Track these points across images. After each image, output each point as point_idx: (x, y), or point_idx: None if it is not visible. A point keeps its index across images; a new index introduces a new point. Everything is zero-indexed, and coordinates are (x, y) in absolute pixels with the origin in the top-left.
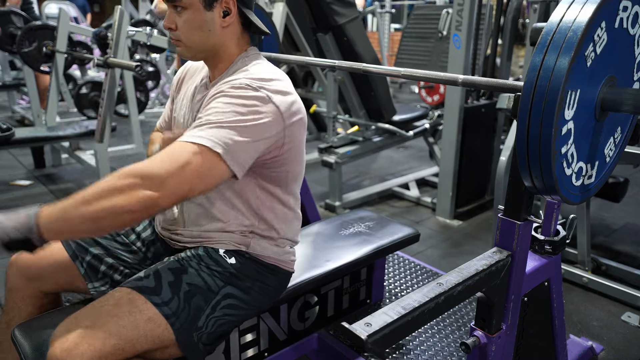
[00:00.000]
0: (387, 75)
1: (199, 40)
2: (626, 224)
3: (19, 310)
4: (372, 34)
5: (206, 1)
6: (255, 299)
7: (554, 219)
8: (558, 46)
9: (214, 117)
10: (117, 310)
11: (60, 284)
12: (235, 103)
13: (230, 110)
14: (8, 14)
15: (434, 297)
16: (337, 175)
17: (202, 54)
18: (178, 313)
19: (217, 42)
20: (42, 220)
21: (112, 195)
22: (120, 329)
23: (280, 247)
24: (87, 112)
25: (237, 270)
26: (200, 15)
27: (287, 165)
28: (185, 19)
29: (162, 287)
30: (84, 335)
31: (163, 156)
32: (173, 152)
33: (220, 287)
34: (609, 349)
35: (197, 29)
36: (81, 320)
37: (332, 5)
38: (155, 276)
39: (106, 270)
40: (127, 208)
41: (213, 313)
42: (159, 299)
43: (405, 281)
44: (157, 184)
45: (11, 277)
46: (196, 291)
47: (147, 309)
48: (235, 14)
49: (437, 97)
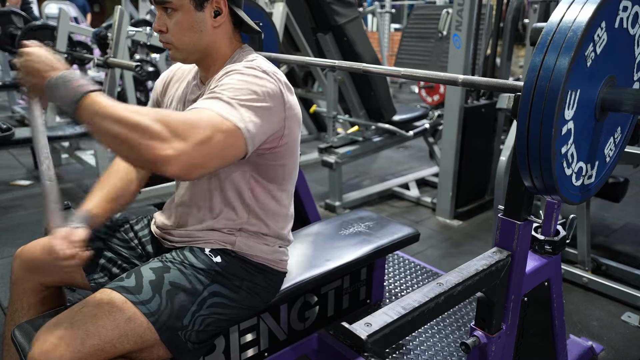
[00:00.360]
0: (387, 75)
1: (191, 42)
2: (626, 224)
3: (22, 303)
4: (372, 34)
5: (197, 1)
6: (244, 298)
7: (554, 219)
8: (558, 46)
9: (232, 93)
10: (96, 310)
11: (60, 276)
12: (250, 81)
13: (246, 87)
14: (8, 14)
15: (434, 297)
16: (337, 175)
17: (194, 55)
18: (160, 311)
19: (209, 42)
20: (84, 103)
21: (143, 133)
22: (99, 329)
23: (269, 246)
24: None
25: (223, 269)
26: (191, 16)
27: (284, 159)
28: (175, 21)
29: (142, 286)
30: (62, 337)
31: (194, 117)
32: (202, 116)
33: (206, 285)
34: (609, 349)
35: (189, 30)
36: (61, 322)
37: (332, 5)
38: (137, 276)
39: (105, 263)
40: (145, 154)
41: (199, 311)
42: (139, 298)
43: (405, 281)
44: (177, 147)
45: (15, 270)
46: (179, 289)
47: (127, 308)
48: (227, 14)
49: (437, 97)
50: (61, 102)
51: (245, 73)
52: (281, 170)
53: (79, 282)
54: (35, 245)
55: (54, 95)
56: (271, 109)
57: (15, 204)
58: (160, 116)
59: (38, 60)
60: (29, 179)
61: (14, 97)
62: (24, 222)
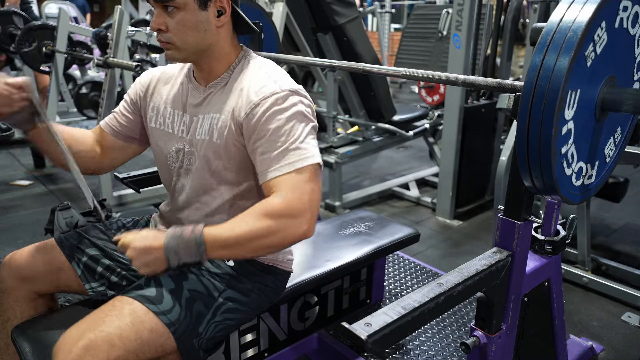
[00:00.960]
0: (387, 75)
1: (194, 42)
2: (626, 224)
3: (14, 312)
4: (372, 34)
5: (201, 0)
6: (254, 301)
7: (554, 219)
8: (558, 46)
9: (291, 138)
10: (119, 322)
11: (55, 284)
12: (295, 114)
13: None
14: (8, 14)
15: (434, 297)
16: (337, 175)
17: (195, 55)
18: (180, 321)
19: (212, 42)
20: (208, 247)
21: (267, 237)
22: (123, 340)
23: None
24: (87, 112)
25: (237, 272)
26: (195, 15)
27: None
28: (178, 20)
29: (163, 296)
30: (87, 348)
31: (294, 193)
32: (293, 185)
33: (221, 290)
34: (609, 349)
35: (192, 29)
36: (84, 332)
37: (332, 5)
38: (156, 284)
39: (103, 271)
40: (282, 245)
41: (214, 318)
42: (161, 308)
43: (405, 281)
44: (303, 221)
45: (4, 279)
46: (197, 297)
47: (149, 319)
48: (229, 14)
49: (437, 97)
50: (185, 254)
51: (286, 108)
52: None
53: (75, 288)
54: (25, 252)
55: (177, 254)
56: (314, 121)
57: (15, 204)
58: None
59: (141, 239)
60: (29, 179)
61: None
62: (24, 222)
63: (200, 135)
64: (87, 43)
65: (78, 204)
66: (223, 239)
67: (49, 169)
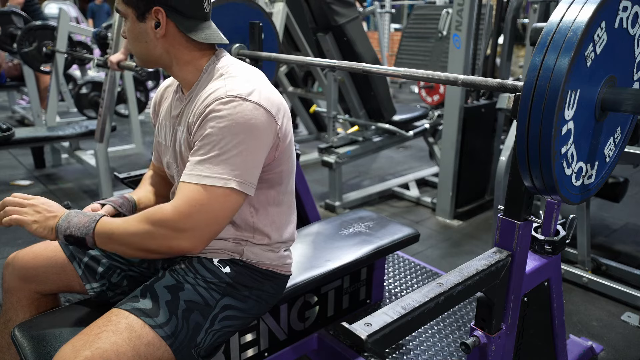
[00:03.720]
0: (387, 75)
1: (140, 51)
2: (626, 224)
3: (16, 312)
4: (372, 34)
5: (139, 12)
6: (252, 307)
7: (554, 219)
8: (558, 46)
9: (216, 150)
10: (115, 337)
11: (57, 284)
12: (230, 125)
13: (229, 133)
14: (8, 14)
15: (434, 297)
16: (337, 175)
17: (150, 63)
18: (177, 333)
19: (161, 52)
20: (96, 231)
21: (146, 241)
22: (120, 356)
23: (275, 252)
24: (87, 112)
25: (233, 279)
26: (135, 26)
27: (282, 165)
28: (127, 29)
29: (159, 308)
30: None
31: (188, 207)
32: (191, 200)
33: (218, 299)
34: (609, 349)
35: (135, 39)
36: (79, 349)
37: (332, 5)
38: (152, 296)
39: (104, 272)
40: (161, 253)
41: (212, 327)
42: (157, 321)
43: (405, 281)
44: (185, 237)
45: (7, 278)
46: (194, 307)
47: (146, 333)
48: (165, 25)
49: (437, 97)
50: (75, 226)
51: (221, 115)
52: (279, 175)
53: (77, 288)
54: (29, 252)
55: (70, 222)
56: (261, 136)
57: None
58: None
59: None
60: (29, 179)
61: (14, 97)
62: None
63: (177, 146)
64: (87, 43)
65: (78, 204)
66: (109, 230)
67: (48, 169)
